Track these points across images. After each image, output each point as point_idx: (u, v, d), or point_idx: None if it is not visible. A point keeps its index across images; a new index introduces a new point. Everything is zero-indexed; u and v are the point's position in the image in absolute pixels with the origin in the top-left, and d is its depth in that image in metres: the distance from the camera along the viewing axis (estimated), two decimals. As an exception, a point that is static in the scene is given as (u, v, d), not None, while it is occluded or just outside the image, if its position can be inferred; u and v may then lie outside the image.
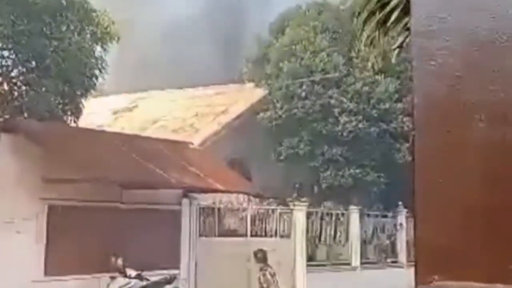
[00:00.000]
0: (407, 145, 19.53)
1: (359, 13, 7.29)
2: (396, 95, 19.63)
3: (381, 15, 6.80)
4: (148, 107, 23.86)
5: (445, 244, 1.47)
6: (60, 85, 13.61)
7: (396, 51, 7.51)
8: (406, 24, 6.66)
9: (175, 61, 27.28)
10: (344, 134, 19.35)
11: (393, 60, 7.71)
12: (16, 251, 11.58)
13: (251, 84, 22.47)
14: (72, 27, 13.50)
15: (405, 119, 19.40)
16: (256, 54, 21.79)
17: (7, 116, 13.29)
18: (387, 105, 19.49)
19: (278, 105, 20.18)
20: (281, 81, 20.01)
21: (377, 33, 7.17)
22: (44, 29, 13.20)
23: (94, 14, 13.72)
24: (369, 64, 9.56)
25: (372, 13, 7.04)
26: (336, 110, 19.47)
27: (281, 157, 20.12)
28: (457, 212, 1.46)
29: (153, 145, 14.99)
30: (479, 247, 1.43)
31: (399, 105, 19.63)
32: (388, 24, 6.88)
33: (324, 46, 19.96)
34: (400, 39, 7.14)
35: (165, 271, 13.56)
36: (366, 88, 19.49)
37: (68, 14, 13.27)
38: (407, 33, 6.79)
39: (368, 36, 7.31)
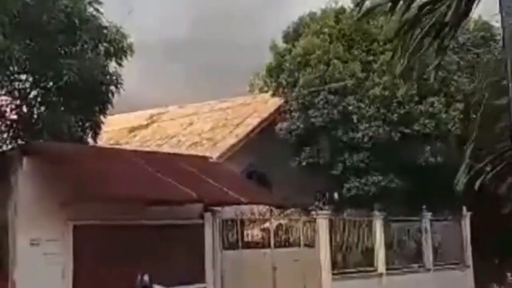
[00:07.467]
0: (429, 147, 19.26)
1: (390, 40, 7.58)
2: (417, 98, 19.34)
3: (415, 42, 6.88)
4: (164, 123, 23.85)
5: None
6: (77, 104, 13.59)
7: (434, 72, 7.65)
8: (439, 45, 6.79)
9: (189, 75, 27.36)
10: (365, 140, 19.14)
11: (431, 79, 7.86)
12: (43, 272, 11.50)
13: (267, 95, 22.33)
14: (85, 46, 13.47)
15: (426, 121, 19.15)
16: (270, 64, 21.49)
17: (27, 139, 13.26)
18: (407, 108, 19.21)
19: (296, 115, 19.96)
20: (297, 90, 19.79)
21: (412, 60, 7.32)
22: (59, 49, 13.19)
23: (105, 31, 13.72)
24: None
25: (403, 39, 7.12)
26: (355, 117, 19.24)
27: (302, 167, 19.92)
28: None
29: (172, 160, 14.92)
30: None
31: (420, 107, 19.37)
32: (423, 50, 6.99)
33: (339, 54, 19.70)
34: (436, 61, 7.26)
35: (191, 286, 13.51)
36: (385, 93, 19.18)
37: (81, 32, 13.23)
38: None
39: (401, 64, 7.35)
